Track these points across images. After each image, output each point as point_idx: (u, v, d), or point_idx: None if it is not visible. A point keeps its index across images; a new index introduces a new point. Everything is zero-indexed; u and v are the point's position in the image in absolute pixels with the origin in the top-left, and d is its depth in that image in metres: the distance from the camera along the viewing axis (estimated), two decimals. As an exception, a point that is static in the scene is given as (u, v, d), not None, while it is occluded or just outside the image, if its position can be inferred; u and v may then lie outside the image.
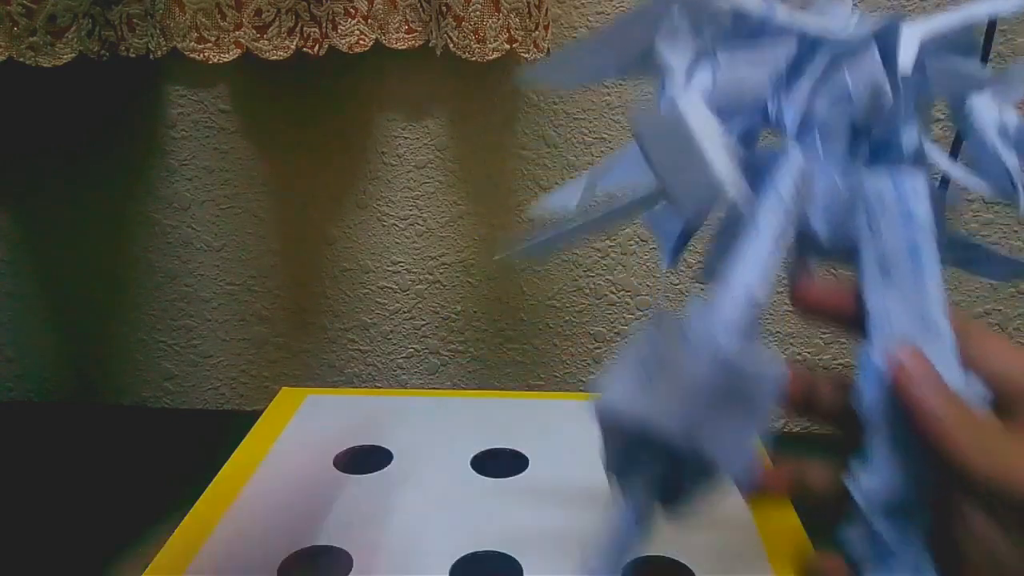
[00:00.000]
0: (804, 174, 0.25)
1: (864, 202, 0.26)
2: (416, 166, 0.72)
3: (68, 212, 0.75)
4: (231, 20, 0.64)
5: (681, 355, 0.24)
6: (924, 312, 0.25)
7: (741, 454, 0.25)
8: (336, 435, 0.60)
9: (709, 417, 0.24)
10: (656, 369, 0.25)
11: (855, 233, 0.26)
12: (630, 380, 0.25)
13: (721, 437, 0.25)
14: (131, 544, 0.50)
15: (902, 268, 0.25)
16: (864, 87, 0.25)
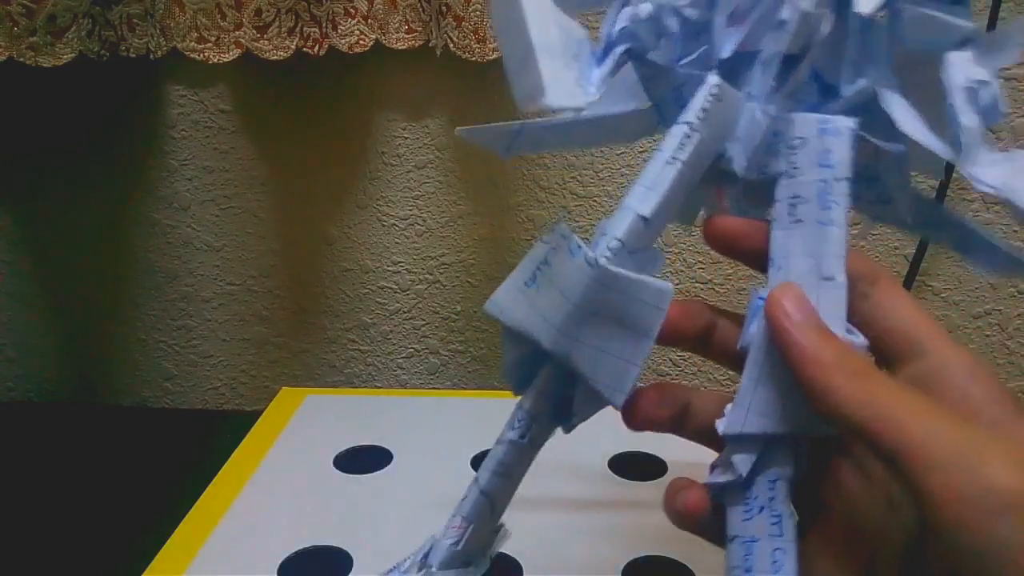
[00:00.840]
0: (725, 101, 0.25)
1: (785, 139, 0.25)
2: (416, 166, 0.72)
3: (68, 212, 0.75)
4: (231, 20, 0.64)
5: (564, 266, 0.24)
6: (820, 257, 0.24)
7: (616, 374, 0.25)
8: (336, 435, 0.60)
9: (584, 332, 0.25)
10: (542, 278, 0.25)
11: (773, 170, 0.25)
12: (517, 287, 0.26)
13: (596, 355, 0.25)
14: (131, 544, 0.50)
15: (809, 211, 0.25)
16: (797, 14, 0.24)
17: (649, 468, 0.55)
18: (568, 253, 0.24)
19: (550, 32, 0.25)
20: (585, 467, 0.55)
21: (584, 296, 0.24)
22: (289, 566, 0.46)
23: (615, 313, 0.24)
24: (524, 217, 0.73)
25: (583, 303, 0.24)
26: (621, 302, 0.24)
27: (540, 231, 0.73)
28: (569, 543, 0.48)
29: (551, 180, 0.72)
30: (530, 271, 0.26)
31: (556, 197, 0.72)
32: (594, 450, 0.57)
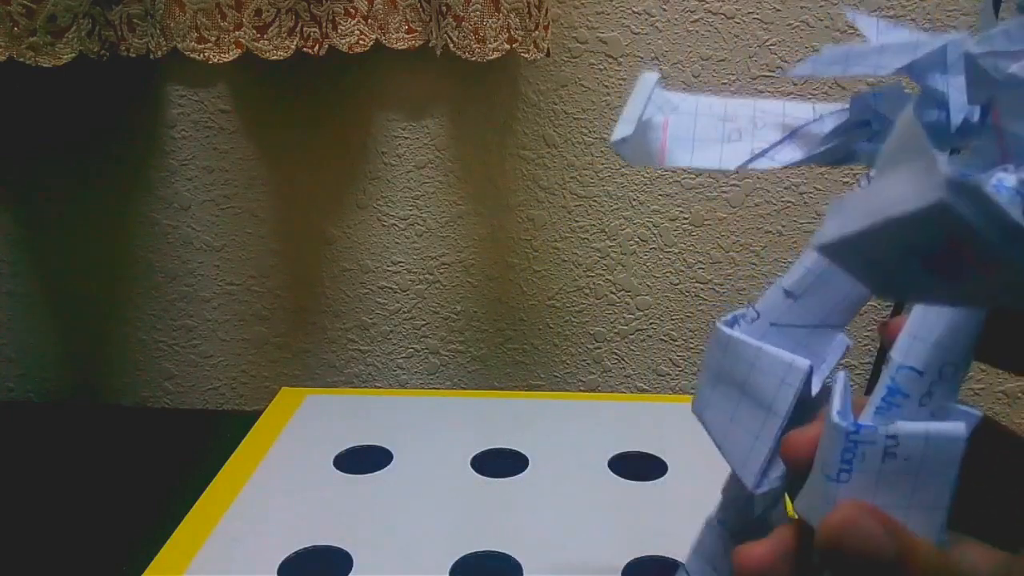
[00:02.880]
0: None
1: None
2: (416, 166, 0.72)
3: (68, 212, 0.75)
4: (231, 20, 0.64)
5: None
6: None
7: (743, 448, 0.23)
8: (336, 435, 0.60)
9: (715, 397, 0.23)
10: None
11: None
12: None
13: (725, 423, 0.23)
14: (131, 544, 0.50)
15: None
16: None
17: (649, 468, 0.55)
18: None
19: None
20: (585, 467, 0.55)
21: (708, 357, 0.23)
22: (289, 566, 0.46)
23: (737, 380, 0.23)
24: (524, 217, 0.73)
25: (708, 364, 0.23)
26: (743, 370, 0.23)
27: (540, 231, 0.73)
28: (569, 543, 0.48)
29: (551, 180, 0.72)
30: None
31: (556, 197, 0.72)
32: (594, 450, 0.57)
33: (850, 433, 0.19)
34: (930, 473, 0.19)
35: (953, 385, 0.20)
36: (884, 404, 0.20)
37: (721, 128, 0.25)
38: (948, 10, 0.65)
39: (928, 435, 0.19)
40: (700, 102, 0.25)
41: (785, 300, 0.23)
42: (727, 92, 0.68)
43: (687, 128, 0.25)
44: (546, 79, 0.69)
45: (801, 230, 0.71)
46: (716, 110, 0.25)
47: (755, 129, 0.25)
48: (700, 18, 0.67)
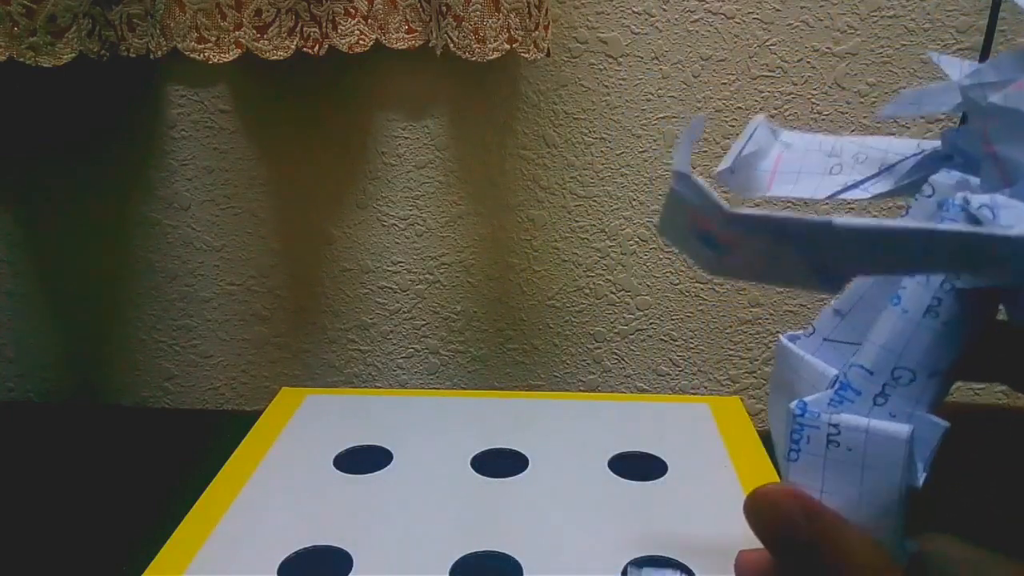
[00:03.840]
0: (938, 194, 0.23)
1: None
2: (416, 166, 0.72)
3: (68, 212, 0.75)
4: (231, 20, 0.64)
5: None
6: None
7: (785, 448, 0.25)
8: (336, 435, 0.60)
9: (774, 401, 0.25)
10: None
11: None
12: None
13: (778, 425, 0.25)
14: (131, 544, 0.50)
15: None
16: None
17: (649, 468, 0.55)
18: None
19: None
20: (585, 467, 0.55)
21: (774, 368, 0.25)
22: (289, 566, 0.46)
23: (788, 388, 0.24)
24: (524, 217, 0.73)
25: (772, 373, 0.25)
26: (790, 378, 0.24)
27: (540, 231, 0.73)
28: (569, 543, 0.48)
29: (551, 180, 0.72)
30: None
31: (556, 197, 0.72)
32: (594, 450, 0.57)
33: (796, 416, 0.21)
34: (874, 469, 0.20)
35: (916, 392, 0.21)
36: (837, 397, 0.21)
37: (826, 162, 0.27)
38: (948, 10, 0.65)
39: (868, 430, 0.21)
40: (812, 140, 0.27)
41: (834, 318, 0.24)
42: (727, 92, 0.68)
43: (796, 162, 0.27)
44: (546, 79, 0.69)
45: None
46: (825, 147, 0.27)
47: (856, 164, 0.27)
48: (700, 18, 0.67)
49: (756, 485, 0.24)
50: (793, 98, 0.68)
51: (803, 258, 0.18)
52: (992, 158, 0.22)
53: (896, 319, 0.21)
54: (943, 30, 0.66)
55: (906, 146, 0.27)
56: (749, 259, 0.19)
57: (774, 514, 0.21)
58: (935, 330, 0.21)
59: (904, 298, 0.21)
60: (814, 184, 0.26)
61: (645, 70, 0.68)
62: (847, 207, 0.71)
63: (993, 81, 0.22)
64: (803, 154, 0.27)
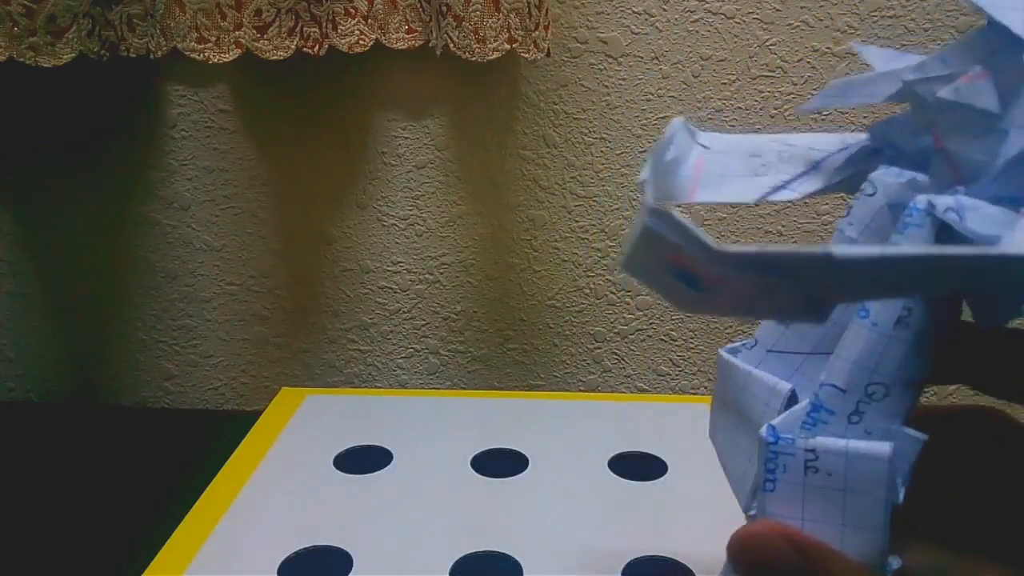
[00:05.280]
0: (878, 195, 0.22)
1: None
2: (416, 166, 0.72)
3: (68, 212, 0.75)
4: (231, 20, 0.64)
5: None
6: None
7: (740, 470, 0.24)
8: (336, 435, 0.60)
9: (719, 420, 0.25)
10: None
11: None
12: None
13: (728, 444, 0.24)
14: (131, 544, 0.50)
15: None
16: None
17: (649, 468, 0.55)
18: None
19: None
20: (585, 467, 0.55)
21: (717, 382, 0.24)
22: (289, 566, 0.46)
23: (733, 403, 0.24)
24: (524, 217, 0.73)
25: (715, 389, 0.24)
26: (736, 394, 0.23)
27: (540, 231, 0.73)
28: (569, 543, 0.48)
29: (551, 180, 0.72)
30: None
31: (556, 197, 0.72)
32: (594, 450, 0.57)
33: (769, 444, 0.20)
34: (858, 492, 0.19)
35: (891, 406, 0.20)
36: (810, 420, 0.20)
37: (749, 163, 0.26)
38: (948, 10, 0.65)
39: (848, 452, 0.19)
40: (731, 140, 0.26)
41: (777, 328, 0.23)
42: (727, 92, 0.68)
43: (718, 165, 0.26)
44: (546, 79, 0.69)
45: (801, 230, 0.71)
46: (746, 146, 0.26)
47: (780, 163, 0.25)
48: (700, 18, 0.67)
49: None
50: (793, 98, 0.68)
51: (797, 291, 0.17)
52: (942, 154, 0.21)
53: (866, 333, 0.20)
54: (943, 30, 0.66)
55: (830, 141, 0.26)
56: (736, 295, 0.18)
57: (762, 554, 0.20)
58: (907, 341, 0.20)
59: (872, 311, 0.20)
60: (739, 187, 0.25)
61: (645, 70, 0.68)
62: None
63: (941, 75, 0.21)
64: (724, 156, 0.26)
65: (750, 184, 0.25)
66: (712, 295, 0.18)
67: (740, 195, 0.25)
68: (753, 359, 0.23)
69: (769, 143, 0.26)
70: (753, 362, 0.23)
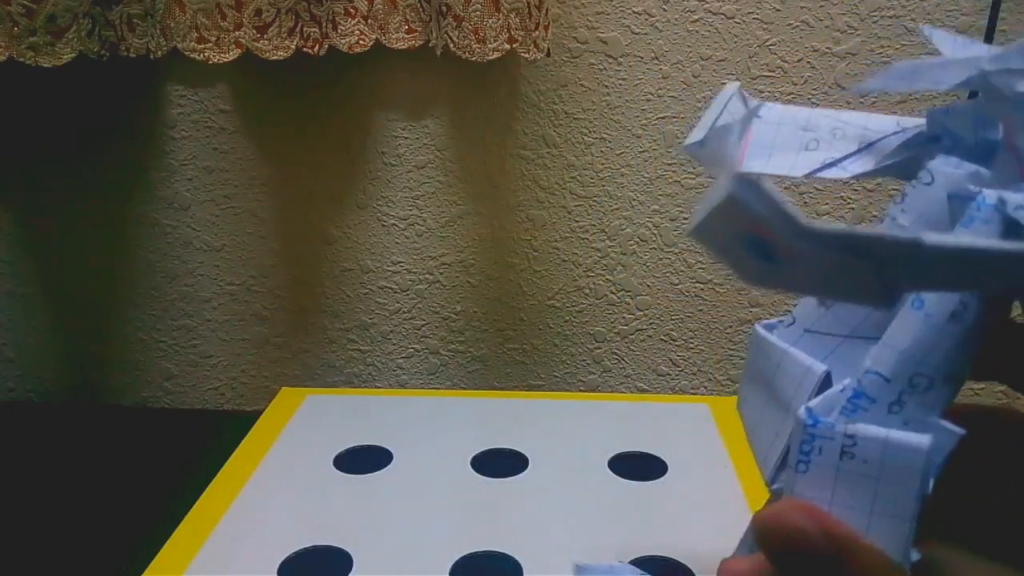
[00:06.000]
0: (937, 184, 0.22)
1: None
2: (416, 166, 0.72)
3: (68, 212, 0.75)
4: (231, 20, 0.64)
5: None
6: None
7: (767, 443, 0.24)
8: (336, 435, 0.60)
9: (751, 393, 0.25)
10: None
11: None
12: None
13: (756, 418, 0.25)
14: (131, 544, 0.50)
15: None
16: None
17: (649, 468, 0.55)
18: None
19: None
20: (585, 467, 0.55)
21: (748, 356, 0.24)
22: (289, 566, 0.46)
23: (765, 379, 0.24)
24: (524, 217, 0.73)
25: (747, 363, 0.24)
26: (770, 370, 0.23)
27: (540, 231, 0.73)
28: (569, 543, 0.48)
29: (551, 180, 0.72)
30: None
31: (556, 197, 0.72)
32: (594, 450, 0.57)
33: (808, 426, 0.20)
34: (891, 482, 0.19)
35: (932, 399, 0.20)
36: (850, 406, 0.20)
37: (801, 137, 0.25)
38: (948, 10, 0.65)
39: (887, 441, 0.19)
40: (785, 111, 0.26)
41: (817, 308, 0.23)
42: (727, 92, 0.68)
43: (769, 136, 0.25)
44: (546, 79, 0.69)
45: (801, 230, 0.71)
46: (799, 120, 0.26)
47: (833, 140, 0.25)
48: (700, 18, 0.67)
49: (756, 485, 0.24)
50: (793, 98, 0.68)
51: (875, 274, 0.17)
52: (1012, 150, 0.21)
53: (919, 324, 0.20)
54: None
55: (886, 123, 0.25)
56: (811, 273, 0.17)
57: (789, 534, 0.19)
58: (958, 336, 0.20)
59: (928, 302, 0.20)
60: (790, 160, 0.25)
61: (645, 70, 0.68)
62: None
63: (1021, 68, 0.20)
64: (776, 127, 0.26)
65: (800, 158, 0.25)
66: (786, 270, 0.17)
67: (790, 168, 0.25)
68: (789, 337, 0.23)
69: (823, 118, 0.26)
70: (789, 340, 0.23)
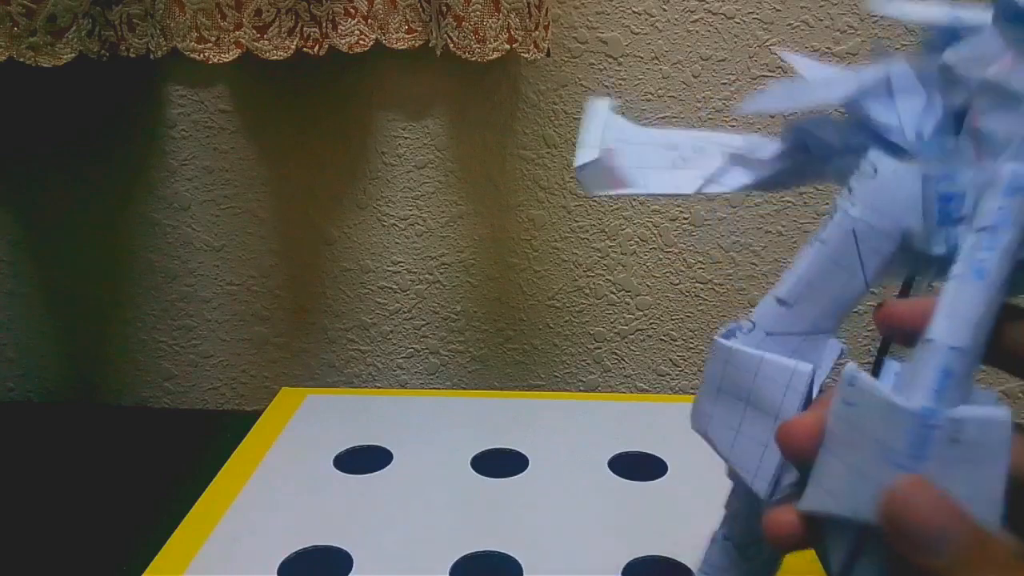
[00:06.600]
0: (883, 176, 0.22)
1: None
2: (416, 166, 0.72)
3: (68, 212, 0.75)
4: (231, 20, 0.64)
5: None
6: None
7: (752, 457, 0.24)
8: (336, 435, 0.60)
9: (716, 410, 0.24)
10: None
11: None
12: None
13: (730, 434, 0.24)
14: (131, 544, 0.50)
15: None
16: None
17: (649, 468, 0.55)
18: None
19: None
20: (585, 467, 0.55)
21: (709, 371, 0.24)
22: (289, 566, 0.46)
23: (741, 391, 0.23)
24: (524, 217, 0.73)
25: (709, 378, 0.24)
26: (746, 380, 0.23)
27: (540, 231, 0.73)
28: (569, 543, 0.48)
29: (551, 180, 0.72)
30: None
31: (556, 197, 0.72)
32: (594, 450, 0.57)
33: (921, 416, 0.18)
34: (984, 462, 0.18)
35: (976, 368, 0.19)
36: (939, 387, 0.19)
37: (666, 155, 0.26)
38: (948, 10, 0.65)
39: (984, 419, 0.18)
40: (643, 132, 0.27)
41: (778, 308, 0.23)
42: (727, 92, 0.68)
43: (637, 157, 0.26)
44: (546, 79, 0.69)
45: (801, 230, 0.71)
46: (658, 139, 0.26)
47: (698, 156, 0.26)
48: (700, 18, 0.67)
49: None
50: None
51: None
52: (973, 134, 0.22)
53: (984, 293, 0.19)
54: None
55: (733, 139, 0.26)
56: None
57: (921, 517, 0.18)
58: (1000, 300, 0.20)
59: (990, 270, 0.19)
60: (668, 179, 0.25)
61: (645, 70, 0.68)
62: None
63: (982, 56, 0.21)
64: (640, 148, 0.26)
65: (677, 176, 0.25)
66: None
67: (674, 187, 0.25)
68: (751, 343, 0.23)
69: (679, 136, 0.26)
70: (752, 346, 0.23)
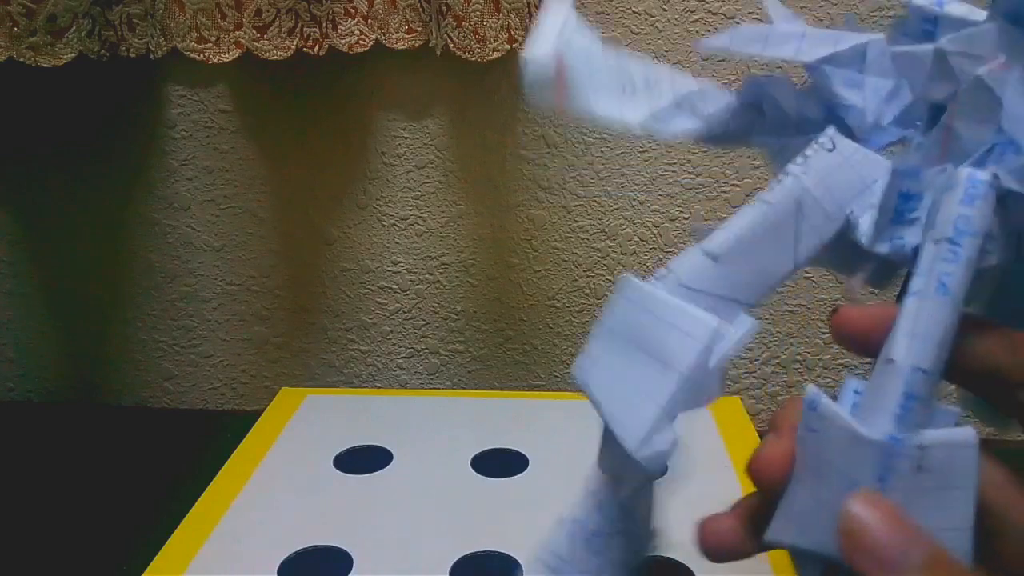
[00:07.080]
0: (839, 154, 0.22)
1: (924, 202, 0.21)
2: (416, 166, 0.72)
3: (68, 212, 0.75)
4: (231, 20, 0.64)
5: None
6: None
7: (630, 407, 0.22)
8: (336, 435, 0.60)
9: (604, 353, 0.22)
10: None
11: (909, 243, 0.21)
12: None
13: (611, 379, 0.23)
14: (131, 544, 0.50)
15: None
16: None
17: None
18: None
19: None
20: (585, 467, 0.55)
21: (607, 311, 0.22)
22: (289, 566, 0.46)
23: (636, 334, 0.21)
24: (524, 217, 0.73)
25: (604, 319, 0.22)
26: (644, 323, 0.21)
27: (540, 231, 0.73)
28: (569, 543, 0.48)
29: (551, 180, 0.72)
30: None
31: (556, 197, 0.72)
32: (594, 450, 0.57)
33: (886, 446, 0.18)
34: (952, 487, 0.17)
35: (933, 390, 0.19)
36: (901, 411, 0.18)
37: (617, 80, 0.24)
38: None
39: (950, 443, 0.17)
40: (596, 48, 0.25)
41: (703, 261, 0.21)
42: (727, 92, 0.68)
43: (587, 73, 0.24)
44: (546, 79, 0.69)
45: (801, 230, 0.71)
46: (611, 61, 0.25)
47: (647, 90, 0.24)
48: (700, 18, 0.67)
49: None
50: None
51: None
52: (946, 131, 0.21)
53: (947, 310, 0.18)
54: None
55: (686, 82, 0.25)
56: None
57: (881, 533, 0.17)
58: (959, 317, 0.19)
59: (952, 286, 0.18)
60: (615, 104, 0.24)
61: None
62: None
63: (978, 54, 0.20)
64: (590, 64, 0.24)
65: (625, 104, 0.24)
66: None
67: (619, 113, 0.23)
68: (661, 288, 0.22)
69: (635, 65, 0.25)
70: (662, 291, 0.21)
